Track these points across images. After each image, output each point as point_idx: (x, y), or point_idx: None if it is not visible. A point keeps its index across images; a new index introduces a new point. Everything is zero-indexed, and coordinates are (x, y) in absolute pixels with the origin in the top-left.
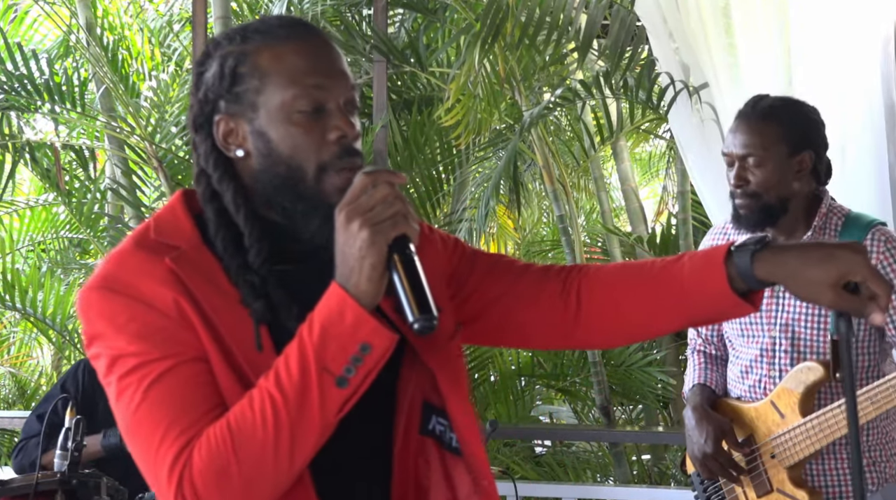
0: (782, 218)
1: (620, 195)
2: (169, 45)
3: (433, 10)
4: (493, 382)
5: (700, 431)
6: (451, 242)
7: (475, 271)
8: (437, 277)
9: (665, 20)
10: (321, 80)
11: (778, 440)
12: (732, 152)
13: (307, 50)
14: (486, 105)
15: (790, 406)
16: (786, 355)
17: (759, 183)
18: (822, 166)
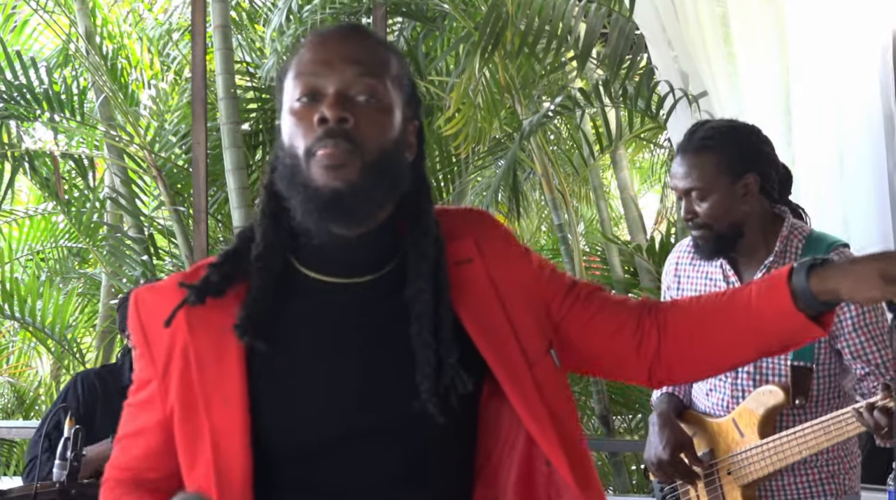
0: (740, 242)
1: (620, 204)
2: (168, 53)
3: (432, 18)
4: None
5: (661, 437)
6: (548, 270)
7: (566, 302)
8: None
9: (664, 28)
10: (318, 68)
11: (735, 457)
12: (677, 187)
13: (319, 42)
14: (485, 114)
15: (750, 426)
16: (748, 377)
17: (708, 215)
18: (771, 184)
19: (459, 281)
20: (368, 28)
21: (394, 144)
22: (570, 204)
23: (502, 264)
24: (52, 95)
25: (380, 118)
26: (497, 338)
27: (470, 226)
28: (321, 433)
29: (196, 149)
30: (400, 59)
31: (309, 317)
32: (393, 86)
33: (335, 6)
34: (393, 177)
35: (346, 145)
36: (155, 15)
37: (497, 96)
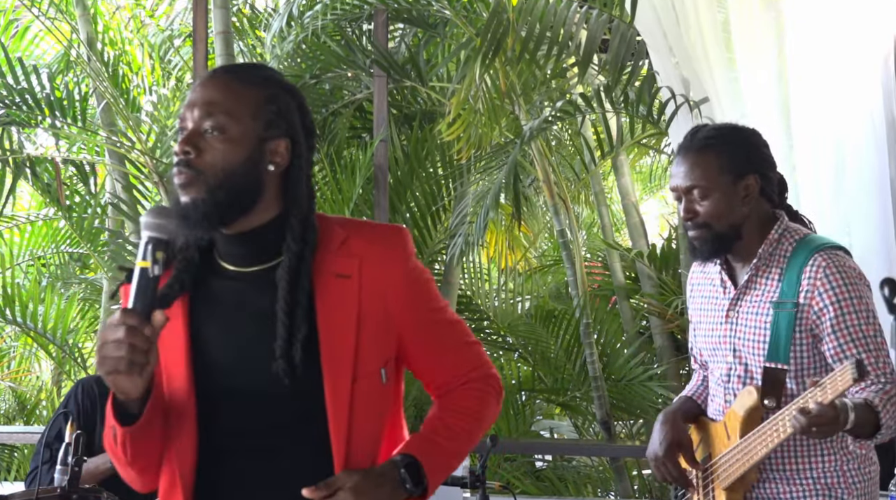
0: (737, 243)
1: (621, 210)
2: (169, 60)
3: (433, 25)
4: None
5: (660, 434)
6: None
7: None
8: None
9: (665, 35)
10: (185, 110)
11: (720, 460)
12: (678, 186)
13: (194, 88)
14: (486, 120)
15: (734, 429)
16: (738, 381)
17: (708, 214)
18: (771, 186)
19: (331, 290)
20: (240, 68)
21: (240, 164)
22: (571, 210)
23: (377, 290)
24: (53, 101)
25: (221, 148)
26: (336, 349)
27: (373, 247)
28: (220, 383)
29: None
30: (265, 90)
31: (217, 295)
32: (245, 115)
33: (336, 12)
34: (243, 189)
35: (186, 171)
36: (156, 21)
37: (498, 102)
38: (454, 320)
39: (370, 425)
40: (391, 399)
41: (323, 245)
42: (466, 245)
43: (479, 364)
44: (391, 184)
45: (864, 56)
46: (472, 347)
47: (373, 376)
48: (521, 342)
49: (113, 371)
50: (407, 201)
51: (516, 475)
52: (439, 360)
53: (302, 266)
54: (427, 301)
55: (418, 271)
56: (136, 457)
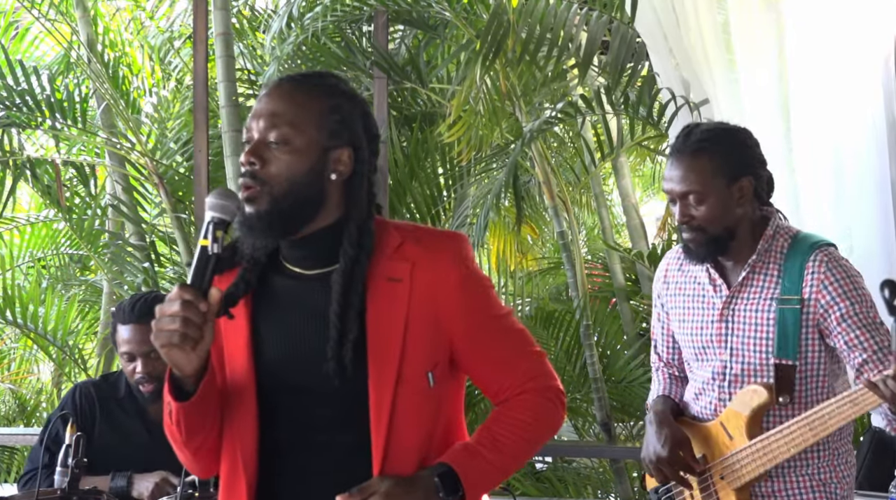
0: (731, 244)
1: (621, 211)
2: (169, 61)
3: (433, 26)
4: None
5: (659, 435)
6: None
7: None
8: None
9: (665, 36)
10: (251, 121)
11: (726, 461)
12: (673, 190)
13: (259, 98)
14: (486, 121)
15: (738, 429)
16: (735, 379)
17: (704, 218)
18: (762, 186)
19: (382, 294)
20: (304, 77)
21: (306, 173)
22: (571, 211)
23: (428, 294)
24: (53, 103)
25: (288, 157)
26: (382, 351)
27: (426, 252)
28: (277, 379)
29: (198, 156)
30: (329, 100)
31: (279, 294)
32: (309, 126)
33: (336, 14)
34: (307, 199)
35: (252, 183)
36: (156, 23)
37: (498, 104)
38: (514, 329)
39: (414, 428)
40: (442, 404)
41: (379, 249)
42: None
43: (538, 374)
44: (391, 185)
45: (864, 57)
46: (533, 356)
47: (418, 380)
48: None
49: (167, 344)
50: (407, 203)
51: (516, 476)
52: (494, 367)
53: (356, 270)
54: (482, 308)
55: (474, 277)
56: (191, 435)
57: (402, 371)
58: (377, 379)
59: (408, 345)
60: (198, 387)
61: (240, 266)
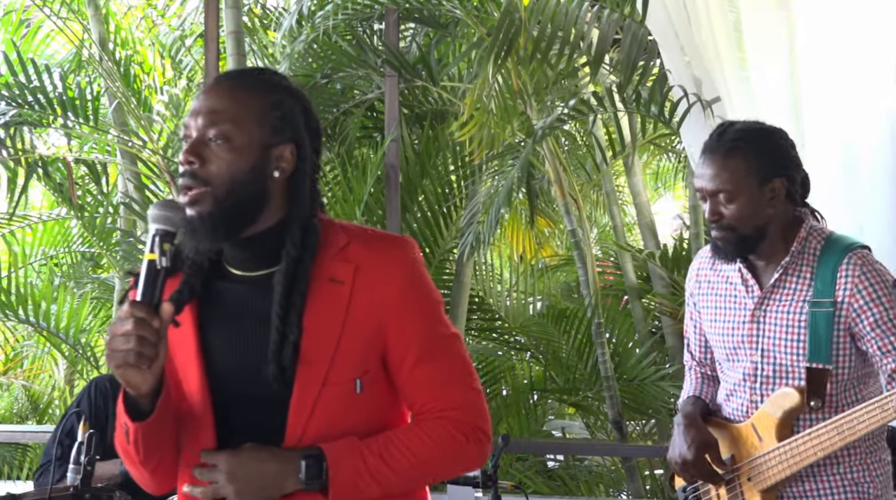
0: (761, 245)
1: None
2: (181, 59)
3: (444, 24)
4: (505, 396)
5: (686, 437)
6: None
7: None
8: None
9: (677, 34)
10: (189, 118)
11: (754, 462)
12: (704, 188)
13: (197, 95)
14: (498, 120)
15: (768, 430)
16: (767, 381)
17: (734, 217)
18: (796, 188)
19: (322, 295)
20: (244, 73)
21: (246, 173)
22: (582, 209)
23: (370, 298)
24: (65, 101)
25: (228, 155)
26: (313, 353)
27: (371, 254)
28: (227, 386)
29: None
30: (270, 96)
31: (224, 299)
32: (250, 123)
33: (347, 12)
34: (250, 198)
35: (193, 184)
36: (168, 21)
37: (510, 102)
38: (456, 353)
39: (331, 434)
40: (371, 411)
41: (323, 249)
42: (477, 243)
43: (466, 407)
44: (402, 183)
45: (876, 55)
46: (468, 389)
47: (344, 385)
48: (533, 342)
49: (122, 364)
50: (418, 201)
51: (528, 474)
52: (420, 385)
53: (299, 270)
54: (424, 320)
55: (420, 287)
56: (149, 455)
57: (329, 375)
58: (303, 381)
59: (340, 349)
60: (154, 405)
61: (181, 272)
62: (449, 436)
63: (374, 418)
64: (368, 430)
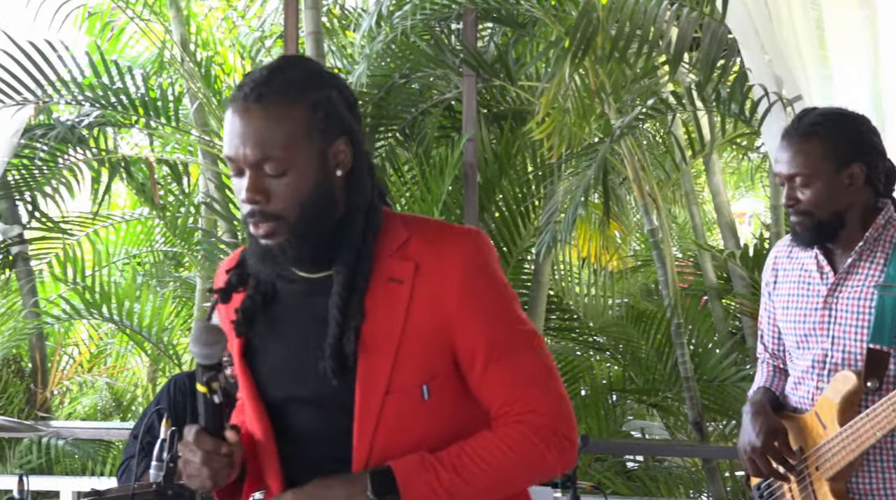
0: (840, 232)
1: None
2: (260, 60)
3: (522, 24)
4: (583, 396)
5: (754, 425)
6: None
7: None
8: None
9: (757, 32)
10: (230, 150)
11: (820, 451)
12: (781, 173)
13: (229, 118)
14: (576, 119)
15: (830, 417)
16: (835, 368)
17: (810, 202)
18: (877, 175)
19: (381, 295)
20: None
21: (313, 190)
22: (661, 209)
23: (432, 297)
24: (147, 102)
25: (291, 183)
26: (373, 358)
27: (432, 250)
28: (282, 390)
29: None
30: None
31: (283, 304)
32: (301, 140)
33: (425, 12)
34: (322, 212)
35: (264, 222)
36: (248, 22)
37: (588, 101)
38: (535, 353)
39: (400, 443)
40: (439, 419)
41: (383, 246)
42: (554, 242)
43: (546, 411)
44: (480, 183)
45: None
46: (549, 392)
47: (410, 391)
48: (612, 342)
49: (201, 487)
50: (496, 200)
51: (607, 475)
52: (495, 386)
53: (359, 266)
54: (495, 316)
55: (486, 279)
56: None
57: (393, 381)
58: (365, 388)
59: (402, 353)
60: (239, 488)
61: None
62: (527, 442)
63: (446, 425)
64: (441, 438)
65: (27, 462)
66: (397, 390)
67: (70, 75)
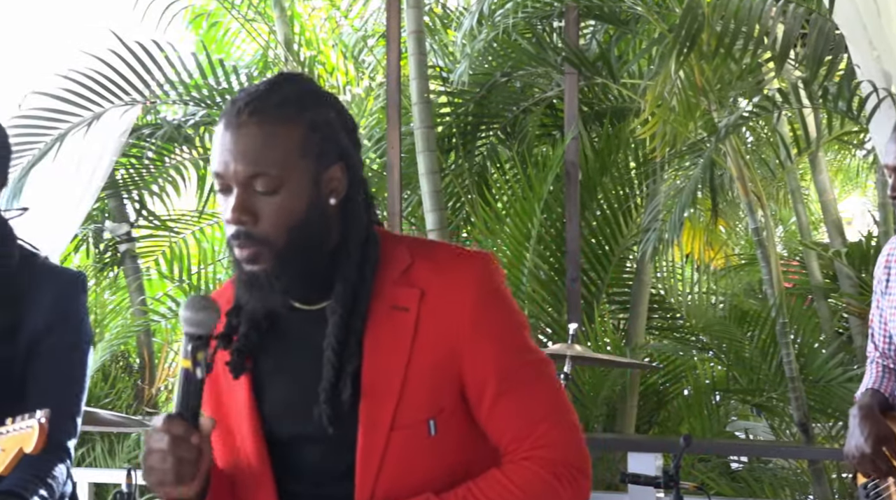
0: None
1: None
2: (363, 60)
3: (625, 21)
4: (686, 396)
5: (862, 429)
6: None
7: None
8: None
9: (865, 27)
10: (219, 166)
11: None
12: (888, 163)
13: (219, 133)
14: (680, 117)
15: None
16: None
17: None
18: None
19: (384, 324)
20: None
21: (304, 214)
22: (766, 207)
23: (439, 327)
24: None
25: (281, 204)
26: (377, 392)
27: (438, 276)
28: (282, 429)
29: (390, 153)
30: (305, 119)
31: (283, 335)
32: (294, 161)
33: (527, 10)
34: (312, 240)
35: (249, 244)
36: (351, 22)
37: (692, 99)
38: (546, 383)
39: (406, 482)
40: (448, 454)
41: (384, 272)
42: (660, 243)
43: (557, 443)
44: (581, 181)
45: None
46: (561, 423)
47: (416, 427)
48: (715, 342)
49: (160, 483)
50: (597, 199)
51: (711, 475)
52: (503, 421)
53: (358, 298)
54: (504, 345)
55: (497, 307)
56: None
57: (398, 416)
58: (368, 424)
59: (408, 386)
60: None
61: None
62: (537, 479)
63: (454, 461)
64: (448, 475)
65: (135, 457)
66: (402, 427)
67: (177, 76)
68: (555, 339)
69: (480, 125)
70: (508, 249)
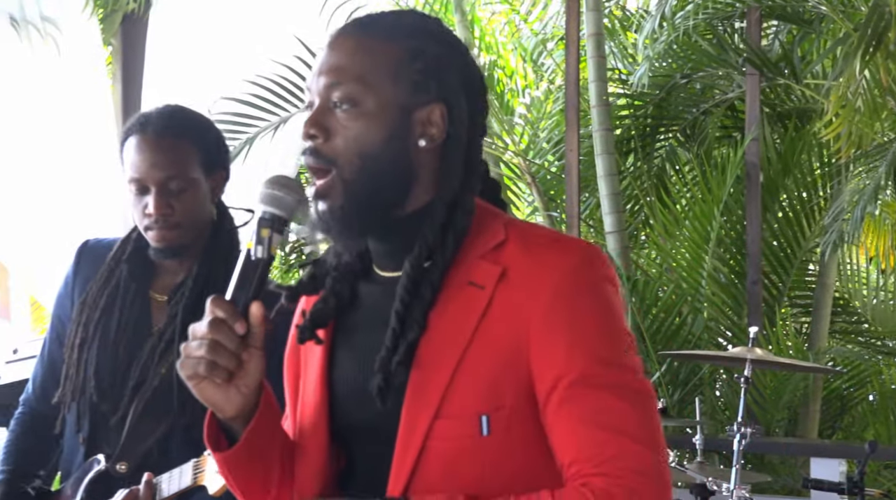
0: None
1: None
2: (542, 63)
3: (809, 21)
4: (871, 401)
5: None
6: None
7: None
8: None
9: None
10: (310, 82)
11: None
12: None
13: (320, 51)
14: (866, 117)
15: None
16: None
17: None
18: None
19: (455, 299)
20: (374, 18)
21: (383, 143)
22: None
23: (514, 311)
24: None
25: (357, 123)
26: (426, 373)
27: (525, 257)
28: (348, 411)
29: (569, 155)
30: (407, 42)
31: (366, 305)
32: (383, 79)
33: (708, 11)
34: (390, 176)
35: (317, 162)
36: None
37: (879, 98)
38: (626, 396)
39: (446, 482)
40: (504, 463)
41: (472, 245)
42: (840, 241)
43: (625, 467)
44: (763, 183)
45: None
46: (638, 450)
47: (465, 420)
48: None
49: (193, 375)
50: (780, 200)
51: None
52: (566, 433)
53: (427, 273)
54: (583, 347)
55: (583, 302)
56: (247, 493)
57: (444, 403)
58: (411, 407)
59: (462, 370)
60: (240, 436)
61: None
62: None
63: (509, 475)
64: (500, 484)
65: None
66: (450, 416)
67: None
68: (734, 342)
69: (659, 127)
70: (687, 251)
